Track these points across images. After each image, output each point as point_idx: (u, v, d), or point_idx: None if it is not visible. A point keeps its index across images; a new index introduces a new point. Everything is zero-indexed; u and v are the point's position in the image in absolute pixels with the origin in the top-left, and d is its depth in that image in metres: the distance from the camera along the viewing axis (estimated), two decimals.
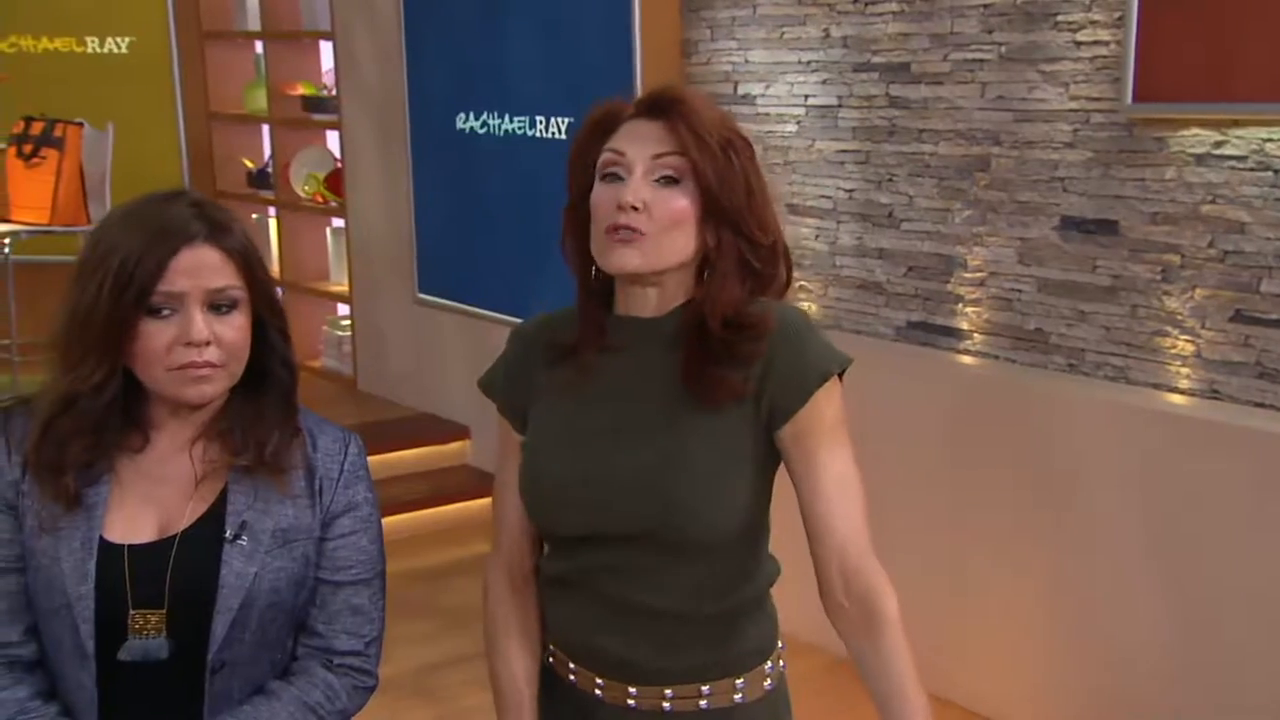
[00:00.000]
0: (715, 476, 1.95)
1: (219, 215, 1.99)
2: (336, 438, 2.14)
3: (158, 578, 2.01)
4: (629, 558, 1.99)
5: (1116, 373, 4.18)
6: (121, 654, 1.98)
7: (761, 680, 2.10)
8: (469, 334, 6.85)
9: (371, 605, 2.14)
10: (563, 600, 2.10)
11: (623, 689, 2.06)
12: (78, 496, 1.99)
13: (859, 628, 1.89)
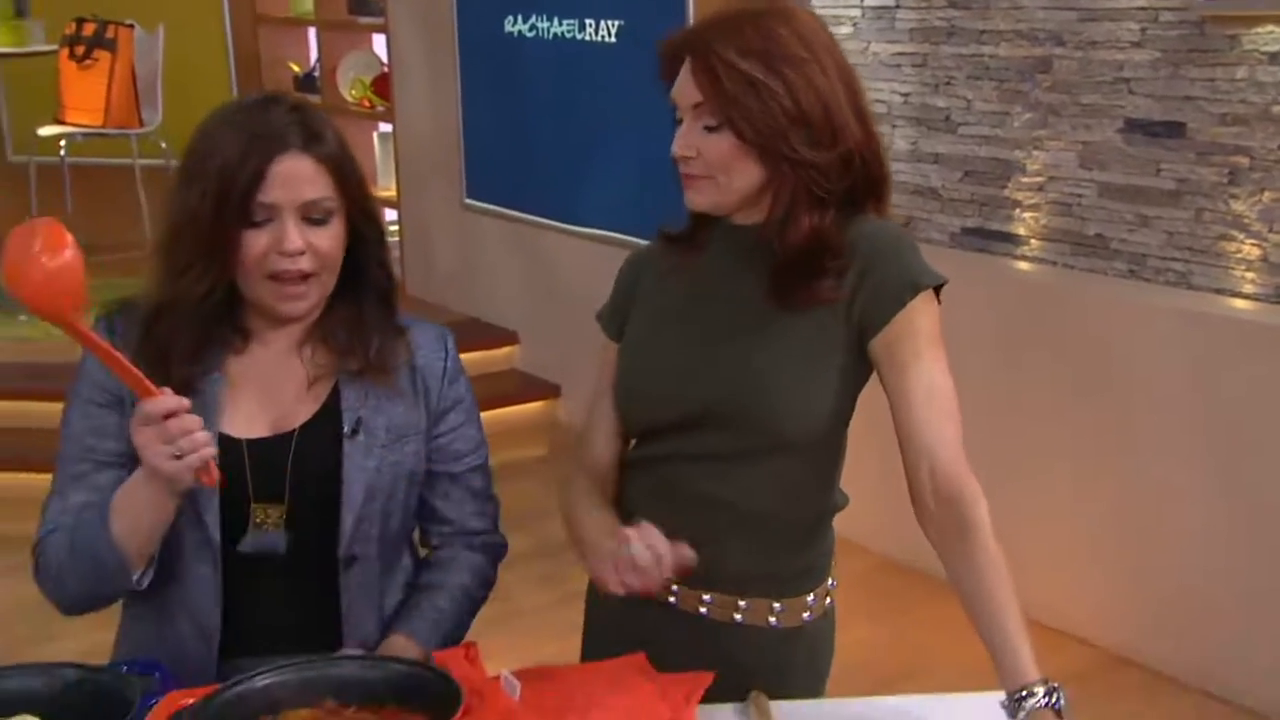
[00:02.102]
0: (804, 378, 1.89)
1: (315, 123, 1.95)
2: (435, 335, 2.14)
3: (277, 472, 2.00)
4: (715, 455, 1.93)
5: (1178, 278, 4.01)
6: (242, 546, 1.97)
7: (824, 598, 2.06)
8: (517, 240, 6.73)
9: (487, 485, 2.19)
10: (646, 502, 2.00)
11: (697, 596, 1.99)
12: (190, 387, 1.94)
13: (950, 535, 1.79)
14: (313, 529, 2.00)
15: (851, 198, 1.90)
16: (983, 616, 1.74)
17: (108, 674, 1.66)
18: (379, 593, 2.08)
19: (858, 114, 1.88)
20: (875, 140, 1.91)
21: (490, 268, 7.00)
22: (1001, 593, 1.74)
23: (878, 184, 1.92)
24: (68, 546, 1.92)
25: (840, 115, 1.86)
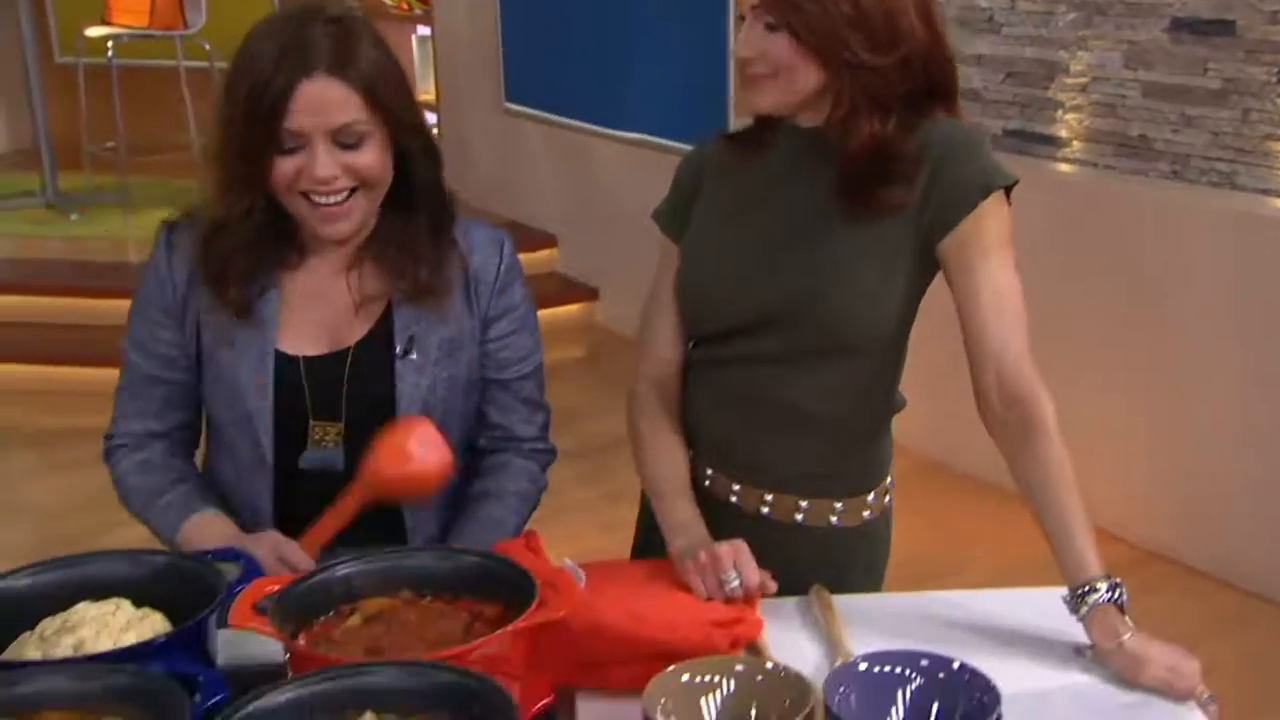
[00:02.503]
0: (869, 280, 1.86)
1: (351, 40, 1.88)
2: (491, 240, 2.09)
3: (333, 390, 2.01)
4: (779, 358, 1.92)
5: (1222, 178, 3.97)
6: (302, 463, 2.00)
7: (883, 497, 2.05)
8: (556, 143, 6.69)
9: (538, 393, 2.16)
10: (707, 404, 2.01)
11: (759, 495, 1.99)
12: (248, 306, 1.97)
13: (1016, 437, 1.79)
14: (370, 444, 1.96)
15: (916, 101, 1.86)
16: (1048, 515, 1.75)
17: (194, 561, 1.68)
18: (439, 503, 2.09)
19: (922, 15, 1.83)
20: (941, 42, 1.86)
21: (530, 171, 6.97)
22: (1066, 492, 1.75)
23: (945, 86, 1.88)
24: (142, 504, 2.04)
25: (904, 18, 1.81)
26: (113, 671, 1.42)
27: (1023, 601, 1.89)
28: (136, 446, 2.07)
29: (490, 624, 1.59)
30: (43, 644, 1.54)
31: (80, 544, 4.48)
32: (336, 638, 1.57)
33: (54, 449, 5.48)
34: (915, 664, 1.54)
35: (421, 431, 1.89)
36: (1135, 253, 4.05)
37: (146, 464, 2.05)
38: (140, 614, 1.60)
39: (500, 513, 2.08)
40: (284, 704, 1.37)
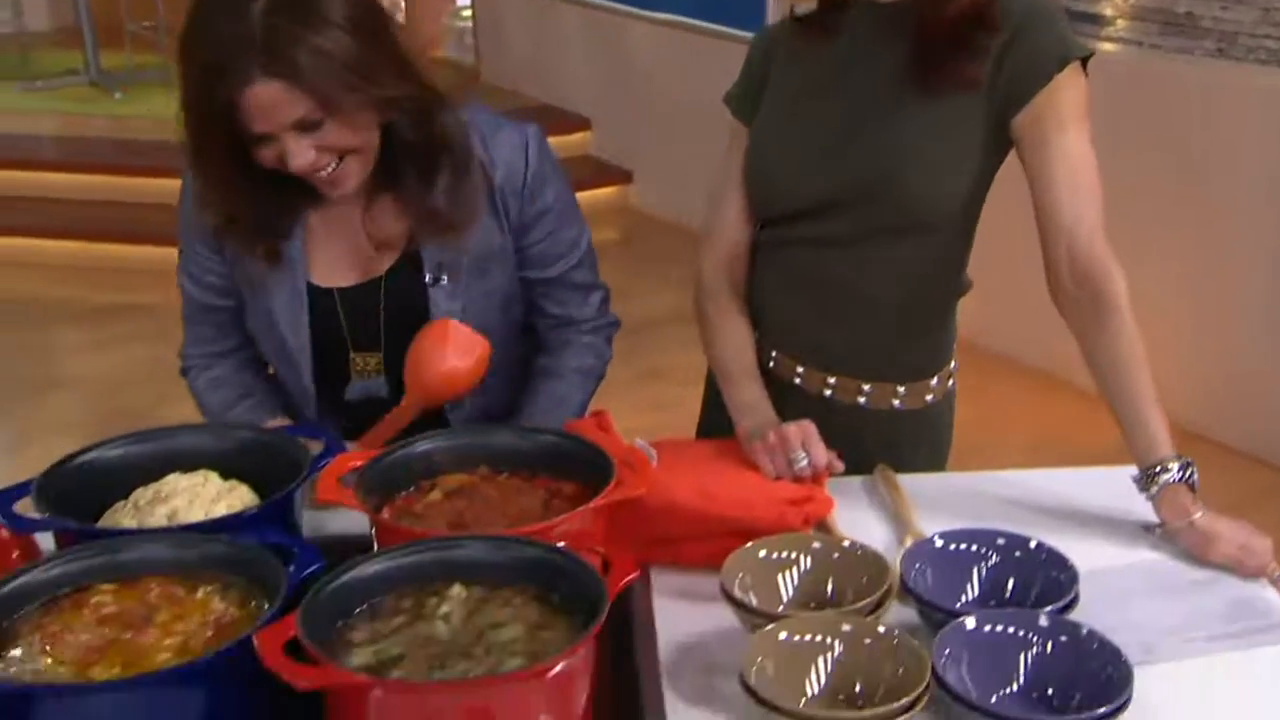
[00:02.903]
0: (941, 159, 1.83)
1: (290, 29, 1.70)
2: (515, 145, 2.00)
3: (370, 320, 2.00)
4: (847, 240, 1.90)
5: (1270, 56, 3.89)
6: (347, 395, 2.01)
7: (946, 380, 2.04)
8: (591, 25, 6.60)
9: (590, 276, 2.13)
10: (775, 286, 2.00)
11: (822, 377, 1.98)
12: (276, 252, 1.95)
13: (1087, 315, 1.77)
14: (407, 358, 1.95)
15: None
16: (1117, 394, 1.75)
17: (279, 436, 1.69)
18: (488, 406, 2.09)
19: None
20: None
21: (564, 54, 6.89)
22: (1137, 371, 1.74)
23: None
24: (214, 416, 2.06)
25: None
26: (209, 541, 1.43)
27: (1087, 480, 1.90)
28: (206, 366, 2.10)
29: (568, 501, 1.60)
30: (138, 513, 1.56)
31: (138, 416, 4.59)
32: (419, 511, 1.59)
33: (103, 325, 5.53)
34: (992, 542, 1.55)
35: (449, 331, 1.87)
36: (1180, 132, 4.00)
37: (218, 380, 2.08)
38: (228, 485, 1.61)
39: (564, 390, 2.08)
40: (375, 574, 1.38)
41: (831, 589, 1.53)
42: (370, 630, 1.34)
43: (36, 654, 1.30)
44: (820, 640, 1.38)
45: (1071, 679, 1.35)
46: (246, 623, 1.35)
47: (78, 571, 1.41)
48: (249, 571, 1.40)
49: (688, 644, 1.53)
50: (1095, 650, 1.35)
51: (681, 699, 1.44)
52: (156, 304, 5.41)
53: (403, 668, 1.27)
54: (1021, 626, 1.39)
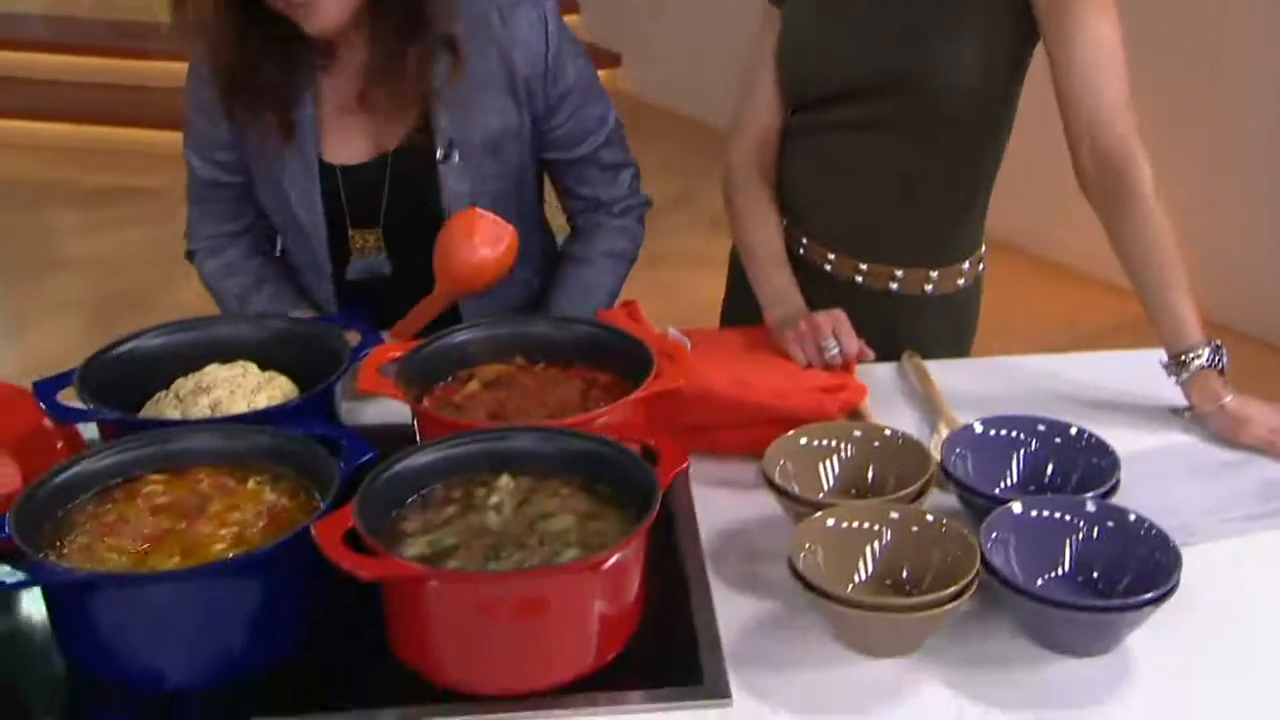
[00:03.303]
0: (972, 43, 1.80)
1: None
2: (532, 21, 1.93)
3: (373, 196, 1.96)
4: (880, 124, 1.88)
5: None
6: (349, 273, 1.97)
7: (977, 265, 2.03)
8: None
9: (619, 154, 2.08)
10: (806, 171, 1.98)
11: (853, 264, 1.97)
12: (289, 124, 1.90)
13: (1110, 199, 1.75)
14: (418, 248, 1.90)
15: None
16: (1146, 282, 1.74)
17: (316, 326, 1.68)
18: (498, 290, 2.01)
19: None
20: None
21: None
22: (1165, 257, 1.73)
23: None
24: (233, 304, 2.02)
25: None
26: (258, 432, 1.43)
27: (1113, 364, 1.91)
28: (214, 251, 2.06)
29: (605, 391, 1.60)
30: (180, 404, 1.55)
31: (142, 297, 4.57)
32: (458, 402, 1.59)
33: (99, 207, 5.48)
34: (1032, 428, 1.55)
35: (476, 220, 1.84)
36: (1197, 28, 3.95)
37: (229, 267, 2.04)
38: (267, 376, 1.61)
39: (593, 276, 2.06)
40: (426, 465, 1.39)
41: (872, 476, 1.53)
42: (422, 520, 1.34)
43: (94, 543, 1.31)
44: (868, 527, 1.39)
45: (1118, 564, 1.36)
46: (299, 513, 1.35)
47: (129, 462, 1.41)
48: (298, 463, 1.40)
49: (729, 531, 1.54)
50: (1142, 535, 1.35)
51: (726, 585, 1.44)
52: (152, 187, 5.37)
53: (458, 558, 1.28)
54: (1068, 511, 1.40)
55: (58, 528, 1.33)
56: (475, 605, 1.23)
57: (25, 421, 1.60)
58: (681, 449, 1.37)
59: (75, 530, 1.33)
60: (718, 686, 1.28)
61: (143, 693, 1.27)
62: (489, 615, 1.23)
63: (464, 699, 1.26)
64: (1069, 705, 1.27)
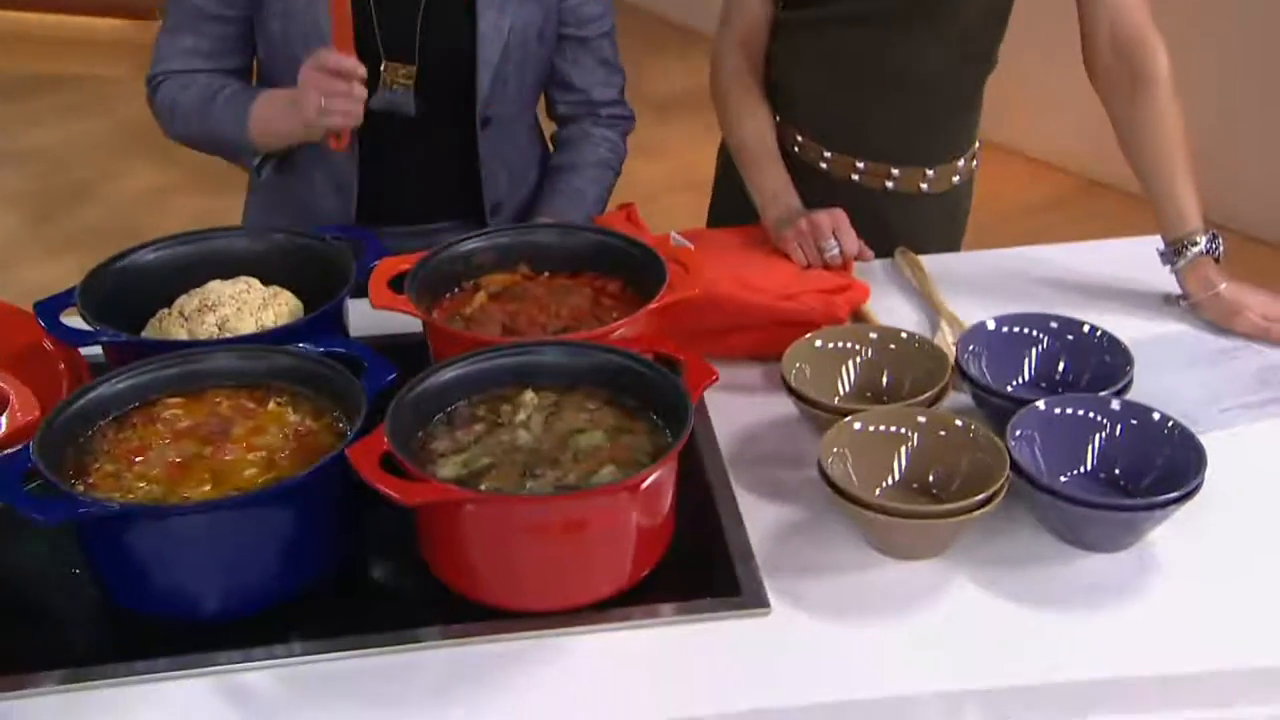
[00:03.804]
0: None
1: None
2: None
3: (407, 31, 1.89)
4: (878, 17, 1.84)
5: None
6: (372, 104, 1.86)
7: (971, 161, 2.01)
8: None
9: (615, 54, 2.07)
10: (800, 67, 1.94)
11: (850, 162, 1.94)
12: None
13: (1124, 89, 1.75)
14: (446, 90, 1.92)
15: None
16: (1151, 168, 1.74)
17: (316, 240, 1.64)
18: (512, 151, 2.04)
19: None
20: None
21: None
22: (1172, 145, 1.73)
23: None
24: (197, 110, 1.90)
25: None
26: (279, 353, 1.40)
27: (1103, 254, 1.92)
28: (185, 86, 1.92)
29: (615, 299, 1.59)
30: (186, 323, 1.52)
31: (92, 189, 4.46)
32: (468, 315, 1.56)
33: (36, 98, 5.31)
34: (1045, 325, 1.56)
35: None
36: None
37: (192, 82, 1.91)
38: (272, 291, 1.57)
39: (580, 184, 2.03)
40: (449, 383, 1.37)
41: (887, 379, 1.53)
42: (452, 440, 1.33)
43: (121, 471, 1.28)
44: (896, 431, 1.39)
45: (1141, 461, 1.37)
46: (325, 435, 1.33)
47: (145, 385, 1.38)
48: (319, 383, 1.38)
49: (743, 436, 1.54)
50: (1166, 435, 1.37)
51: (748, 492, 1.44)
52: (82, 76, 5.22)
53: (493, 478, 1.27)
54: (1093, 409, 1.41)
55: (79, 455, 1.30)
56: (516, 527, 1.22)
57: (23, 343, 1.56)
58: (709, 366, 1.36)
59: (99, 457, 1.30)
60: (756, 596, 1.29)
61: (178, 621, 1.25)
62: (529, 536, 1.22)
63: (503, 615, 1.26)
64: (1094, 603, 1.29)
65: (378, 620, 1.27)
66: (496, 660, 1.23)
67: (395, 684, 1.21)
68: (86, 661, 1.22)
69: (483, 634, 1.25)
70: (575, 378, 1.39)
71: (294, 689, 1.21)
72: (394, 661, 1.23)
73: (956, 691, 1.21)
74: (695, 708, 1.20)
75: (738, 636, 1.26)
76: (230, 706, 1.19)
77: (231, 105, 1.88)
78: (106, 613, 1.29)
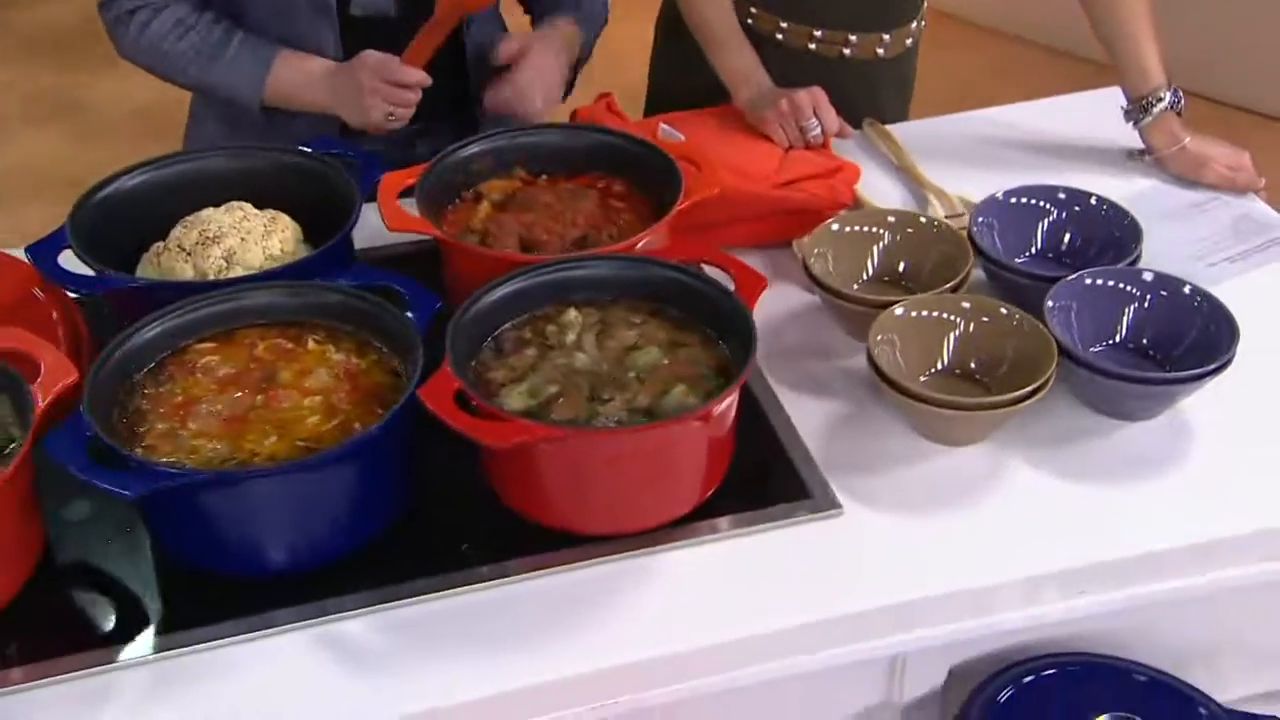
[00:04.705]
0: None
1: None
2: None
3: None
4: None
5: None
6: (352, 9, 1.78)
7: (921, 21, 1.97)
8: None
9: None
10: None
11: (806, 33, 1.90)
12: None
13: None
14: None
15: None
16: (1115, 25, 1.74)
17: (308, 157, 1.55)
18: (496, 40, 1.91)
19: None
20: None
21: None
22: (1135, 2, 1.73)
23: None
24: (195, 63, 1.77)
25: None
26: (322, 289, 1.34)
27: (1058, 112, 1.93)
28: (156, 8, 1.78)
29: (622, 200, 1.55)
30: (190, 258, 1.44)
31: None
32: (480, 229, 1.51)
33: None
34: (1053, 197, 1.57)
35: None
36: None
37: (181, 24, 1.77)
38: (269, 216, 1.50)
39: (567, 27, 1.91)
40: (492, 307, 1.32)
41: (904, 265, 1.53)
42: (506, 368, 1.30)
43: (176, 429, 1.22)
44: (942, 317, 1.40)
45: (1171, 333, 1.41)
46: (377, 373, 1.29)
47: (174, 331, 1.31)
48: (359, 318, 1.33)
49: (764, 330, 1.51)
50: (1196, 306, 1.40)
51: (784, 386, 1.44)
52: None
53: (561, 407, 1.24)
54: (1127, 281, 1.44)
55: (124, 414, 1.24)
56: (602, 458, 1.20)
57: (10, 290, 1.47)
58: (759, 274, 1.35)
59: (146, 416, 1.24)
60: (826, 498, 1.30)
61: (249, 578, 1.22)
62: (613, 464, 1.21)
63: (580, 540, 1.25)
64: (1138, 474, 1.34)
65: (460, 557, 1.25)
66: (587, 586, 1.23)
67: (493, 620, 1.20)
68: (171, 627, 1.18)
69: (579, 560, 1.24)
70: (619, 291, 1.36)
71: (393, 634, 1.19)
72: (488, 598, 1.22)
73: (1035, 576, 1.25)
74: (790, 616, 1.21)
75: (812, 540, 1.27)
76: (334, 657, 1.17)
77: (241, 65, 1.77)
78: (175, 574, 1.24)
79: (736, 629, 1.20)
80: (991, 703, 1.27)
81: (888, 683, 1.32)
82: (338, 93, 1.76)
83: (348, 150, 1.60)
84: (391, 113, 1.73)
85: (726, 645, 1.20)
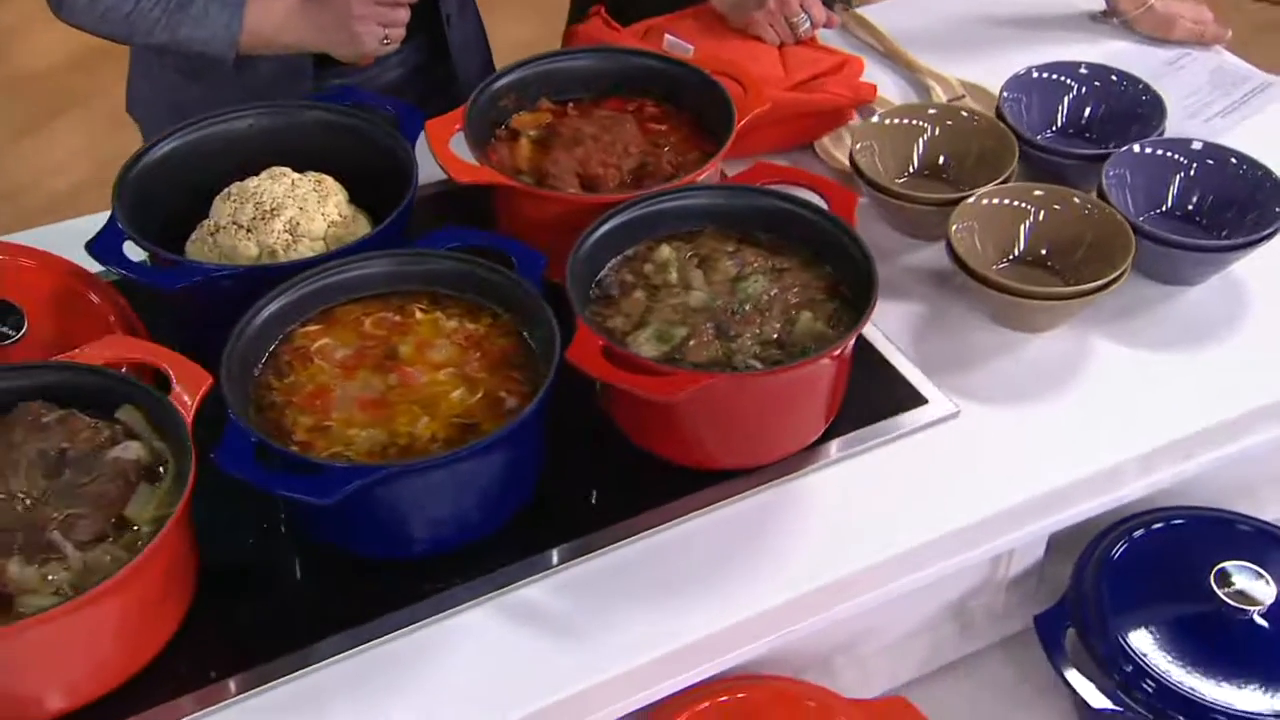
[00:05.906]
0: None
1: None
2: None
3: None
4: None
5: None
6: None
7: None
8: None
9: None
10: None
11: None
12: None
13: None
14: None
15: None
16: None
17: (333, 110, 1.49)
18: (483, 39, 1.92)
19: None
20: None
21: None
22: None
23: None
24: (162, 24, 1.61)
25: None
26: (434, 257, 1.31)
27: None
28: None
29: (661, 123, 1.54)
30: (253, 234, 1.38)
31: None
32: (524, 166, 1.48)
33: None
34: (1074, 73, 1.62)
35: None
36: None
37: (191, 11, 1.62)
38: (314, 178, 1.44)
39: None
40: (590, 252, 1.31)
41: (944, 158, 1.56)
42: (622, 313, 1.29)
43: (323, 422, 1.19)
44: (1017, 205, 1.44)
45: (1218, 199, 1.49)
46: (499, 337, 1.27)
47: (279, 317, 1.26)
48: (462, 283, 1.30)
49: None
50: (1243, 173, 1.47)
51: None
52: None
53: (695, 350, 1.24)
54: (1177, 151, 1.51)
55: (260, 413, 1.20)
56: (751, 397, 1.22)
57: (48, 288, 1.38)
58: None
59: (285, 411, 1.20)
60: (942, 402, 1.34)
61: (419, 560, 1.21)
62: (759, 401, 1.23)
63: (720, 476, 1.27)
64: (1200, 337, 1.42)
65: (617, 507, 1.25)
66: (747, 520, 1.25)
67: (668, 566, 1.21)
68: (359, 618, 1.16)
69: (737, 493, 1.26)
70: (706, 220, 1.36)
71: (570, 596, 1.19)
72: (657, 543, 1.23)
73: (1147, 452, 1.32)
74: (937, 526, 1.25)
75: (937, 445, 1.31)
76: (523, 624, 1.17)
77: (211, 16, 1.61)
78: (341, 566, 1.21)
79: (896, 543, 1.23)
80: (1106, 561, 1.35)
81: (993, 566, 1.39)
82: (321, 27, 1.65)
83: (376, 100, 1.54)
84: (386, 36, 1.64)
85: (889, 561, 1.23)
